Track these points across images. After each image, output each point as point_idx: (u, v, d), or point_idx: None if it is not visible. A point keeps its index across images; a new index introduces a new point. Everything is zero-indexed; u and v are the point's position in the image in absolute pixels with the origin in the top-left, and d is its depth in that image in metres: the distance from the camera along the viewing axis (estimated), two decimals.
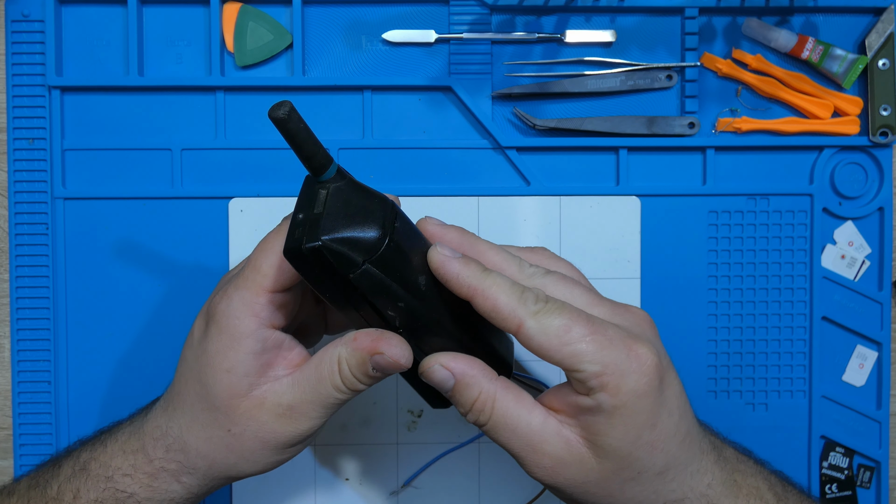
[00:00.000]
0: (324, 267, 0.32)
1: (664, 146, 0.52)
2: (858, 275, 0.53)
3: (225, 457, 0.37)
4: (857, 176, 0.52)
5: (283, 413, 0.36)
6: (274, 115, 0.30)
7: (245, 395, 0.36)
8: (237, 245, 0.51)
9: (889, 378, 0.53)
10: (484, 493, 0.52)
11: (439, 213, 0.51)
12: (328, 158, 0.32)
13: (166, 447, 0.38)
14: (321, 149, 0.32)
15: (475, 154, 0.52)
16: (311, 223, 0.32)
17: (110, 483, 0.38)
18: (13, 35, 0.51)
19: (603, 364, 0.33)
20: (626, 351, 0.33)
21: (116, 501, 0.38)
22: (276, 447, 0.37)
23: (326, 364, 0.36)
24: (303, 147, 0.31)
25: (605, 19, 0.52)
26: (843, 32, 0.52)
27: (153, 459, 0.38)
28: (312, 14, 0.52)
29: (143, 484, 0.38)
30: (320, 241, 0.31)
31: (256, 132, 0.51)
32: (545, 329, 0.33)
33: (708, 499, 0.36)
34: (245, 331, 0.35)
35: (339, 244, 0.31)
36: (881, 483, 0.53)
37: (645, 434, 0.34)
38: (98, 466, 0.39)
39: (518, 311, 0.34)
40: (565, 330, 0.33)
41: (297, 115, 0.30)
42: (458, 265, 0.34)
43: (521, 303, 0.34)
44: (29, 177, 0.51)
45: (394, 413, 0.52)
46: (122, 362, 0.51)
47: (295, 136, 0.31)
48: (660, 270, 0.52)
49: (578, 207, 0.52)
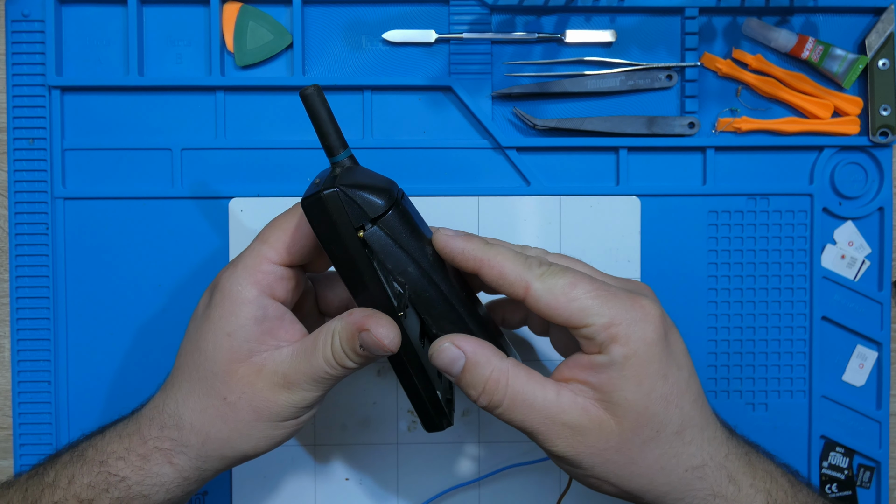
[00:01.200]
0: (336, 218, 0.34)
1: (664, 146, 0.52)
2: (858, 275, 0.53)
3: (219, 429, 0.38)
4: (857, 176, 0.52)
5: (278, 382, 0.37)
6: (303, 91, 0.35)
7: (244, 360, 0.37)
8: (237, 245, 0.51)
9: (889, 378, 0.53)
10: (484, 489, 0.52)
11: (439, 213, 0.51)
12: (343, 143, 0.36)
13: (161, 424, 0.38)
14: (337, 132, 0.36)
15: (475, 154, 0.52)
16: (327, 180, 0.35)
17: (103, 467, 0.38)
18: (13, 35, 0.51)
19: (610, 316, 0.34)
20: (631, 303, 0.35)
21: (108, 485, 0.38)
22: (270, 418, 0.38)
23: (322, 335, 0.37)
24: (320, 124, 0.35)
25: (605, 19, 0.52)
26: (843, 32, 0.52)
27: (147, 440, 0.38)
28: (312, 14, 0.52)
29: (136, 467, 0.38)
30: (337, 187, 0.34)
31: (256, 132, 0.51)
32: (551, 288, 0.35)
33: (727, 471, 0.37)
34: (247, 296, 0.37)
35: (354, 194, 0.34)
36: (881, 483, 0.53)
37: (658, 385, 0.35)
38: (94, 452, 0.39)
39: (524, 274, 0.35)
40: (571, 287, 0.35)
41: (321, 96, 0.35)
42: (461, 241, 0.36)
43: (525, 267, 0.35)
44: (29, 177, 0.51)
45: (394, 413, 0.52)
46: (122, 362, 0.51)
47: (315, 112, 0.35)
48: (660, 270, 0.52)
49: (578, 207, 0.52)
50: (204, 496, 0.51)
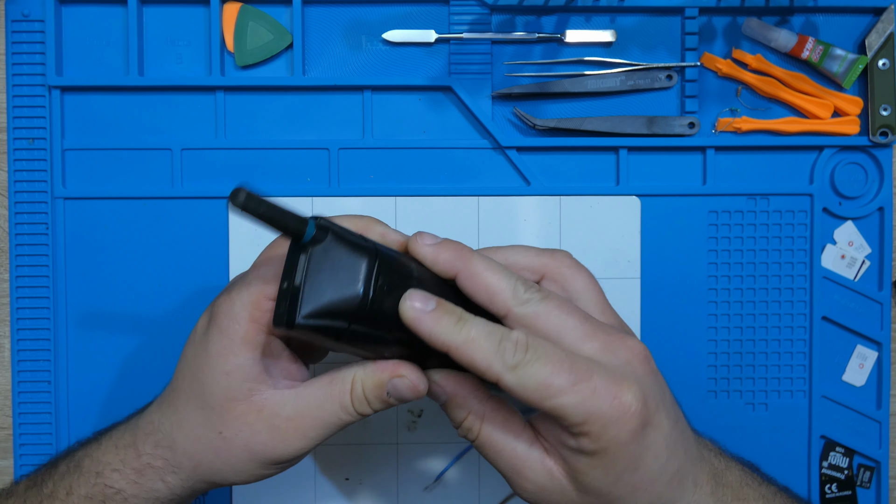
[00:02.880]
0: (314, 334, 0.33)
1: (664, 146, 0.52)
2: (858, 275, 0.53)
3: (211, 460, 0.37)
4: (857, 176, 0.52)
5: (279, 425, 0.36)
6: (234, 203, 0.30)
7: (244, 399, 0.36)
8: (237, 245, 0.51)
9: (889, 378, 0.53)
10: (484, 489, 0.52)
11: (439, 213, 0.51)
12: (302, 222, 0.32)
13: (155, 443, 0.38)
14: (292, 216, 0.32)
15: (475, 154, 0.52)
16: (293, 296, 0.32)
17: (99, 479, 0.38)
18: (13, 35, 0.51)
19: (585, 415, 0.33)
20: (610, 399, 0.33)
21: (105, 497, 0.38)
22: (263, 461, 0.37)
23: (339, 382, 0.36)
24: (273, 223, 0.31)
25: (605, 19, 0.52)
26: (843, 32, 0.52)
27: (142, 454, 0.38)
28: (312, 14, 0.52)
29: (130, 480, 0.38)
30: (301, 320, 0.32)
31: (256, 132, 0.51)
32: (524, 384, 0.33)
33: None
34: (245, 335, 0.35)
35: (321, 317, 0.32)
36: (881, 483, 0.53)
37: (626, 476, 0.34)
38: (91, 462, 0.39)
39: (494, 366, 0.33)
40: (545, 385, 0.32)
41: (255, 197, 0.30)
42: (429, 322, 0.33)
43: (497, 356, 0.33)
44: (29, 177, 0.51)
45: (394, 413, 0.52)
46: (122, 362, 0.51)
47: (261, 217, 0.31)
48: (660, 270, 0.52)
49: (578, 207, 0.52)
50: (204, 496, 0.51)
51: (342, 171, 0.51)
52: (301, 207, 0.50)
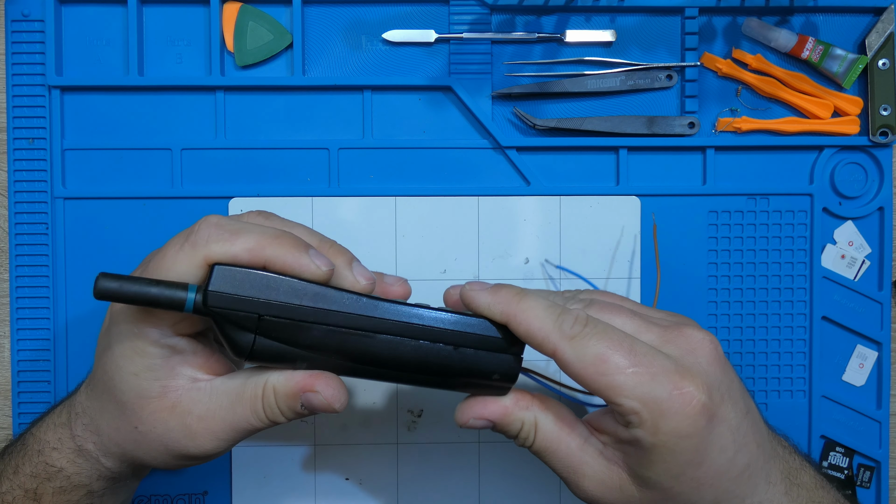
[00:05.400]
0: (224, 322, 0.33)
1: (664, 146, 0.52)
2: (858, 275, 0.53)
3: (133, 449, 0.36)
4: (857, 176, 0.52)
5: (190, 424, 0.35)
6: (98, 294, 0.31)
7: (157, 396, 0.35)
8: None
9: (889, 378, 0.53)
10: (484, 489, 0.52)
11: (439, 213, 0.51)
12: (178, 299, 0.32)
13: (84, 425, 0.37)
14: (163, 291, 0.32)
15: (475, 154, 0.52)
16: None
17: (41, 457, 0.38)
18: (13, 35, 0.51)
19: (642, 401, 0.31)
20: (671, 388, 0.31)
21: (49, 475, 0.37)
22: (180, 456, 0.36)
23: (251, 386, 0.35)
24: (147, 301, 0.32)
25: (605, 19, 0.52)
26: (843, 32, 0.52)
27: (75, 436, 0.37)
28: (312, 14, 0.52)
29: (69, 459, 0.37)
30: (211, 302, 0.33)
31: (256, 132, 0.51)
32: (581, 356, 0.32)
33: None
34: (147, 337, 0.34)
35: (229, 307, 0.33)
36: (881, 483, 0.53)
37: (689, 471, 0.33)
38: (33, 441, 0.38)
39: (552, 336, 0.32)
40: (603, 359, 0.31)
41: (114, 283, 0.31)
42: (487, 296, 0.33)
43: (556, 326, 0.32)
44: (29, 177, 0.51)
45: (394, 413, 0.52)
46: None
47: (132, 299, 0.32)
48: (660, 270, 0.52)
49: (578, 207, 0.52)
50: (204, 496, 0.51)
51: (342, 171, 0.51)
52: (301, 207, 0.51)
